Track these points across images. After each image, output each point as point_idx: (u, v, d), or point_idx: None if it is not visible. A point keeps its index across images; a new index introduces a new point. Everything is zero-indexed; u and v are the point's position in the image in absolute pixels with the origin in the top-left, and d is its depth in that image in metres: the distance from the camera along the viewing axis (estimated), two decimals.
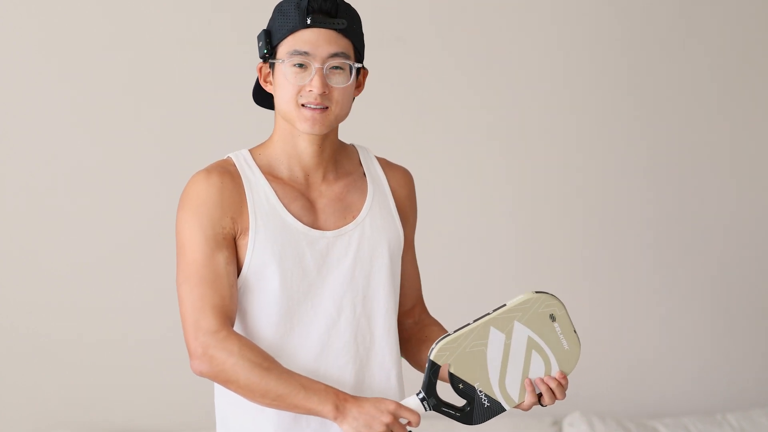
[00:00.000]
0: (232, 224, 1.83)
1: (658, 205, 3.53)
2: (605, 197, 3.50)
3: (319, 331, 1.85)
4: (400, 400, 1.87)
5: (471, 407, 1.82)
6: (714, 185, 3.57)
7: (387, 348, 1.91)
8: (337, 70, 1.83)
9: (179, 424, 3.15)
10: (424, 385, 1.80)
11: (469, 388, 1.81)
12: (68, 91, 3.10)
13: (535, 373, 1.84)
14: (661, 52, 3.51)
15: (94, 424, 3.11)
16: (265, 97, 1.96)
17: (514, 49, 3.42)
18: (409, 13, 3.33)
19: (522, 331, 1.82)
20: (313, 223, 1.87)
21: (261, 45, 1.86)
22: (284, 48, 1.83)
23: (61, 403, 3.11)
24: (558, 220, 3.47)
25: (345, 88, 1.84)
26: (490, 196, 3.42)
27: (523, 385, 1.83)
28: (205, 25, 3.18)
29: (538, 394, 1.84)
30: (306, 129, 1.84)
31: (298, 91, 1.82)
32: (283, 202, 1.86)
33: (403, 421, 1.79)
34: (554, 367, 1.84)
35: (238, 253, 1.84)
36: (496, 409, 1.84)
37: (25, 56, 3.07)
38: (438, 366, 1.79)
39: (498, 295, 1.85)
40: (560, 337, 1.84)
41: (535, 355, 1.83)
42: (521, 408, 1.85)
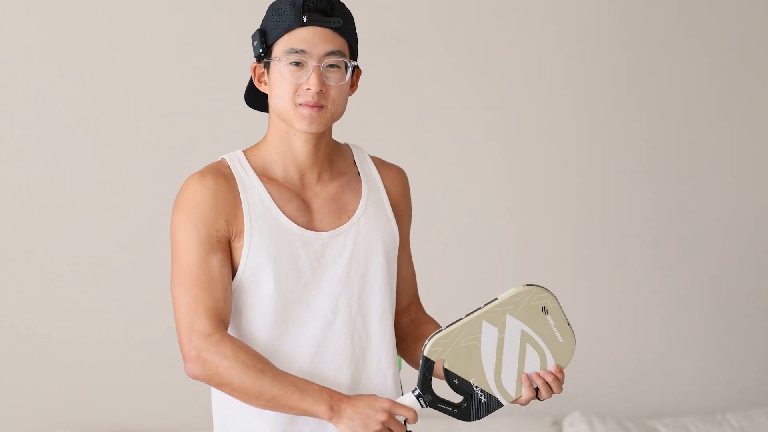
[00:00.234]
0: (227, 227, 1.83)
1: (658, 205, 3.53)
2: (605, 197, 3.50)
3: (314, 332, 1.85)
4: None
5: (468, 403, 1.81)
6: (714, 185, 3.57)
7: (383, 348, 1.91)
8: (333, 68, 1.83)
9: (179, 424, 3.15)
10: (419, 381, 1.79)
11: (465, 383, 1.81)
12: (68, 91, 3.10)
13: (531, 367, 1.83)
14: (661, 52, 3.51)
15: (94, 424, 3.12)
16: (257, 99, 1.96)
17: (514, 49, 3.42)
18: (409, 13, 3.33)
19: (515, 325, 1.81)
20: (308, 224, 1.87)
21: (256, 44, 1.86)
22: (280, 47, 1.83)
23: (61, 403, 3.11)
24: (558, 220, 3.47)
25: (341, 87, 1.84)
26: (489, 196, 3.42)
27: (520, 380, 1.83)
28: (205, 25, 3.18)
29: (535, 389, 1.84)
30: (303, 127, 1.83)
31: (295, 89, 1.82)
32: (277, 203, 1.86)
33: (400, 419, 1.79)
34: (550, 361, 1.84)
35: (233, 256, 1.84)
36: (493, 404, 1.83)
37: (25, 56, 3.07)
38: (432, 362, 1.79)
39: (498, 295, 1.84)
40: (554, 330, 1.84)
41: (530, 349, 1.83)
42: (519, 402, 1.85)
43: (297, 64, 1.82)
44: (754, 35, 3.59)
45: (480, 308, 1.81)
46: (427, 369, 1.79)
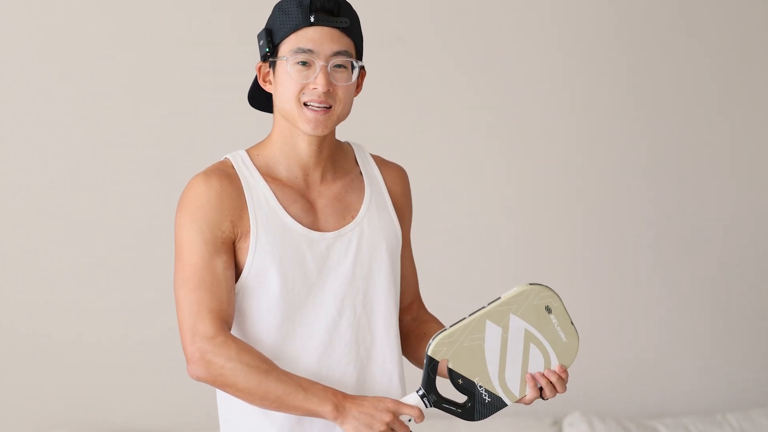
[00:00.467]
0: (232, 228, 1.82)
1: (658, 205, 3.53)
2: (605, 197, 3.50)
3: (320, 333, 1.85)
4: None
5: (472, 403, 1.81)
6: (714, 185, 3.57)
7: (388, 348, 1.90)
8: (340, 68, 1.83)
9: (179, 424, 3.15)
10: (424, 381, 1.79)
11: (469, 383, 1.80)
12: (68, 91, 3.10)
13: (535, 366, 1.83)
14: (661, 52, 3.51)
15: (94, 424, 3.11)
16: (260, 99, 1.95)
17: (514, 49, 3.42)
18: (409, 13, 3.33)
19: (518, 324, 1.81)
20: (312, 225, 1.86)
21: (262, 44, 1.85)
22: (287, 46, 1.82)
23: (61, 403, 3.11)
24: (558, 220, 3.46)
25: (348, 87, 1.84)
26: (490, 196, 3.42)
27: (524, 380, 1.82)
28: (205, 25, 3.18)
29: (539, 388, 1.83)
30: (308, 130, 1.83)
31: (301, 88, 1.81)
32: (282, 204, 1.85)
33: (405, 419, 1.79)
34: (553, 361, 1.84)
35: (237, 257, 1.83)
36: (497, 404, 1.83)
37: (25, 56, 3.07)
38: (436, 361, 1.78)
39: (498, 295, 1.84)
40: (557, 329, 1.83)
41: (534, 349, 1.83)
42: (523, 402, 1.84)
43: (304, 63, 1.81)
44: (754, 35, 3.59)
45: (483, 308, 1.80)
46: (431, 368, 1.78)
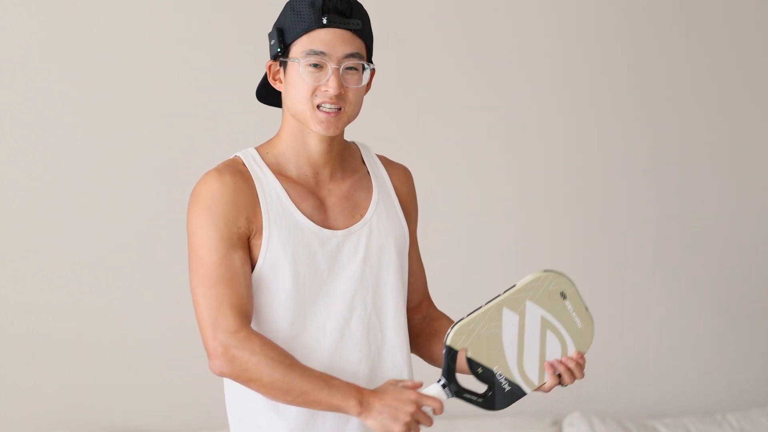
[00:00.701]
0: (247, 224, 1.81)
1: (658, 205, 3.53)
2: (605, 197, 3.50)
3: (332, 331, 1.84)
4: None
5: (492, 392, 1.80)
6: (714, 185, 3.57)
7: (398, 346, 1.91)
8: (351, 70, 1.83)
9: (179, 424, 3.15)
10: (444, 371, 1.78)
11: (488, 372, 1.80)
12: (68, 91, 3.10)
13: (552, 353, 1.83)
14: (661, 52, 3.51)
15: (94, 424, 3.11)
16: (268, 95, 1.95)
17: (515, 49, 3.41)
18: (410, 13, 3.33)
19: (535, 311, 1.81)
20: (323, 222, 1.87)
21: (273, 43, 1.85)
22: (299, 47, 1.82)
23: (61, 403, 3.11)
24: (558, 219, 3.46)
25: (359, 89, 1.84)
26: (490, 195, 3.42)
27: (542, 367, 1.82)
28: (205, 25, 3.18)
29: (558, 375, 1.84)
30: (320, 131, 1.83)
31: (313, 90, 1.82)
32: (294, 201, 1.85)
33: (426, 410, 1.78)
34: (570, 347, 1.84)
35: (250, 253, 1.83)
36: (517, 392, 1.82)
37: (25, 56, 3.07)
38: (455, 351, 1.77)
39: (516, 282, 1.85)
40: (572, 315, 1.84)
41: (550, 335, 1.83)
42: (542, 390, 1.84)
43: (316, 65, 1.81)
44: (754, 35, 3.58)
45: (499, 295, 1.81)
46: (451, 358, 1.77)
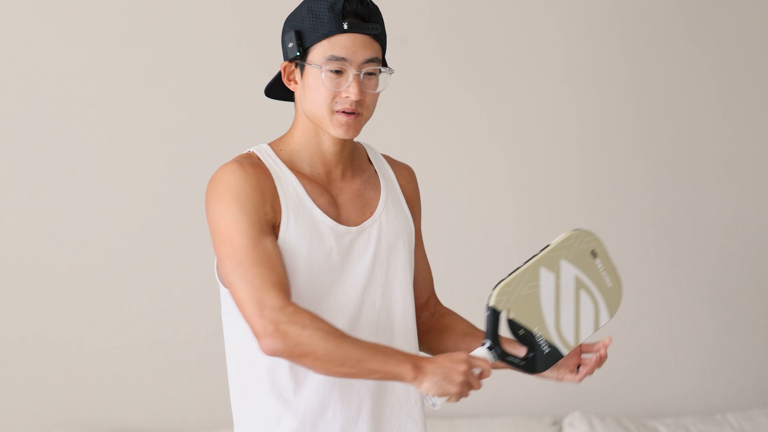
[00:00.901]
0: (273, 213, 1.80)
1: (658, 206, 3.53)
2: (605, 197, 3.50)
3: (342, 326, 1.84)
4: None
5: (534, 354, 1.80)
6: (714, 185, 3.57)
7: (406, 344, 1.91)
8: (370, 75, 1.84)
9: (179, 424, 3.15)
10: (488, 333, 1.77)
11: (529, 334, 1.79)
12: (69, 91, 3.10)
13: (586, 315, 1.83)
14: (663, 53, 3.51)
15: (94, 424, 3.11)
16: (277, 92, 1.94)
17: (516, 49, 3.41)
18: (410, 13, 3.33)
19: (569, 270, 1.82)
20: (337, 218, 1.87)
21: (292, 46, 1.83)
22: (318, 52, 1.81)
23: (61, 404, 3.11)
24: (558, 219, 3.46)
25: (376, 93, 1.86)
26: (491, 195, 3.42)
27: (577, 328, 1.84)
28: (205, 25, 3.18)
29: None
30: (339, 134, 1.83)
31: (333, 96, 1.81)
32: (311, 196, 1.85)
33: (475, 371, 1.77)
34: (602, 308, 1.85)
35: None
36: (555, 354, 1.82)
37: (27, 56, 3.07)
38: (498, 312, 1.77)
39: (549, 242, 1.86)
40: (603, 274, 1.85)
41: (584, 295, 1.83)
42: (575, 380, 1.88)
43: (337, 71, 1.81)
44: (755, 35, 3.58)
45: (536, 255, 1.81)
46: (494, 320, 1.76)
